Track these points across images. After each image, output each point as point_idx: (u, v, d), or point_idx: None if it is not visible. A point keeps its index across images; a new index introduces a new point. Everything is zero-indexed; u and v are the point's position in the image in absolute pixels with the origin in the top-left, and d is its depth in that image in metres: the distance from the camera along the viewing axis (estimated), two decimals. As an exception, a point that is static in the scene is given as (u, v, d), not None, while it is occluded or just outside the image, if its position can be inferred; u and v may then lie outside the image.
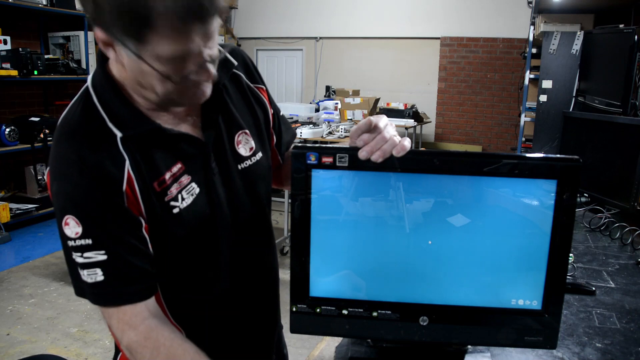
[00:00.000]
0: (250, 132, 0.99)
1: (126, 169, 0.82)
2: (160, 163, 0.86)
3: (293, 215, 0.88)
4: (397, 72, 7.73)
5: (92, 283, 0.82)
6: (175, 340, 0.83)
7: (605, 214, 1.98)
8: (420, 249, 0.87)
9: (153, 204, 0.85)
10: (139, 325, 0.83)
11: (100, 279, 0.81)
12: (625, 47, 2.85)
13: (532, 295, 0.88)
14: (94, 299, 0.83)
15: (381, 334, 0.91)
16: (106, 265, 0.81)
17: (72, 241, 0.81)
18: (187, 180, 0.88)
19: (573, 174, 0.83)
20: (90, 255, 0.81)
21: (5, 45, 4.45)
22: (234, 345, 1.04)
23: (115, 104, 0.83)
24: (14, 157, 4.98)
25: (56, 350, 2.81)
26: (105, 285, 0.82)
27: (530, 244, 0.86)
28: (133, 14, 0.69)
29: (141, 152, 0.84)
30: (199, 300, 0.97)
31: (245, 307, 1.04)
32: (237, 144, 0.96)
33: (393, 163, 0.84)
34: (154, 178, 0.85)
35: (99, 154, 0.80)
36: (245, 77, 1.02)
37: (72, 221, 0.80)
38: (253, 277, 1.04)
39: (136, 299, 0.84)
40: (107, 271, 0.81)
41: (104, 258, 0.81)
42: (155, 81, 0.78)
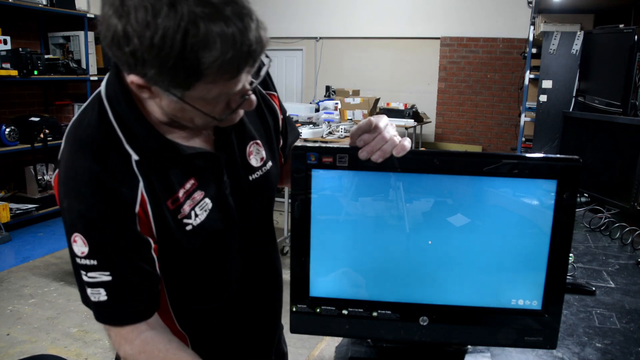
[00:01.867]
0: (261, 141, 0.98)
1: (139, 191, 0.81)
2: (174, 180, 0.84)
3: (293, 215, 0.88)
4: (397, 72, 7.73)
5: (95, 302, 0.82)
6: (170, 351, 0.83)
7: (605, 214, 1.98)
8: (420, 249, 0.87)
9: (166, 223, 0.84)
10: (135, 340, 0.84)
11: (104, 299, 0.82)
12: (625, 47, 2.85)
13: (532, 295, 0.88)
14: (97, 317, 0.84)
15: (381, 334, 0.91)
16: (110, 286, 0.81)
17: (79, 259, 0.81)
18: (200, 196, 0.87)
19: (573, 174, 0.83)
20: (94, 275, 0.81)
21: (5, 45, 4.45)
22: (238, 346, 1.04)
23: (130, 120, 0.81)
24: (14, 157, 4.98)
25: (56, 350, 2.81)
26: (107, 305, 0.82)
27: (530, 244, 0.86)
28: (183, 70, 0.67)
29: (155, 170, 0.83)
30: (207, 309, 0.97)
31: (251, 309, 1.04)
32: (248, 154, 0.95)
33: (393, 163, 0.84)
34: (168, 196, 0.84)
35: (114, 175, 0.79)
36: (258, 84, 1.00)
37: (80, 240, 0.79)
38: (258, 279, 1.04)
39: (139, 319, 0.84)
40: (110, 292, 0.81)
41: (109, 279, 0.81)
42: (197, 117, 0.77)
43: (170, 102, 0.74)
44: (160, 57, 0.65)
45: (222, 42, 0.65)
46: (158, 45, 0.64)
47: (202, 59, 0.66)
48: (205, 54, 0.66)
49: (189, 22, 0.64)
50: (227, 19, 0.66)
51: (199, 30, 0.64)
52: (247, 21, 0.68)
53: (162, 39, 0.64)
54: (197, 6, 0.64)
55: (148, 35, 0.64)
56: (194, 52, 0.65)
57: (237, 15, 0.66)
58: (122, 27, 0.65)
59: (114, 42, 0.67)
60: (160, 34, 0.64)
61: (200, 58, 0.66)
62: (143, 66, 0.68)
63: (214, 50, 0.66)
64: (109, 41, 0.68)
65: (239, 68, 0.70)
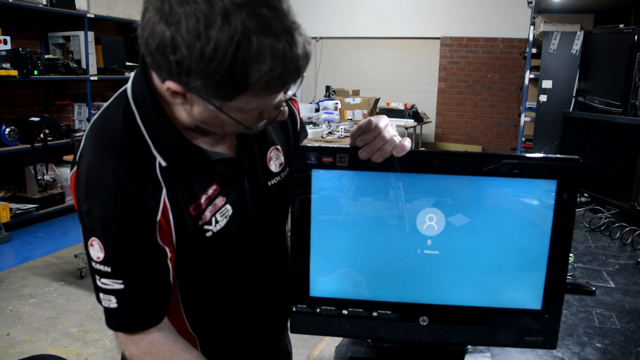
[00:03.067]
0: (281, 147, 0.98)
1: (162, 199, 0.80)
2: (197, 186, 0.84)
3: (293, 215, 0.88)
4: (397, 72, 7.73)
5: (106, 308, 0.82)
6: (175, 352, 0.83)
7: (605, 214, 1.98)
8: (420, 249, 0.87)
9: (187, 231, 0.83)
10: (141, 341, 0.83)
11: (114, 307, 0.81)
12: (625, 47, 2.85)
13: (532, 295, 0.88)
14: (107, 322, 0.84)
15: (381, 334, 0.91)
16: (121, 294, 0.80)
17: (95, 263, 0.80)
18: (222, 202, 0.87)
19: (573, 174, 0.83)
20: (107, 282, 0.80)
21: (5, 45, 4.45)
22: (247, 347, 1.05)
23: (157, 123, 0.79)
24: (14, 157, 4.97)
25: (56, 350, 2.81)
26: (117, 312, 0.82)
27: (530, 244, 0.86)
28: (230, 83, 0.66)
29: (179, 177, 0.82)
30: (221, 313, 0.97)
31: (262, 311, 1.04)
32: (268, 160, 0.95)
33: (393, 163, 0.84)
34: (190, 203, 0.83)
35: (138, 182, 0.78)
36: None
37: (97, 245, 0.79)
38: (270, 282, 1.04)
39: (147, 325, 0.84)
40: (121, 300, 0.81)
41: (121, 287, 0.80)
42: (229, 125, 0.76)
43: (205, 110, 0.72)
44: (209, 69, 0.64)
45: (272, 57, 0.64)
46: (208, 57, 0.63)
47: (251, 72, 0.65)
48: (255, 68, 0.64)
49: (242, 35, 0.62)
50: (278, 34, 0.64)
51: (251, 44, 0.63)
52: (297, 36, 0.66)
53: (214, 51, 0.62)
54: (250, 19, 0.62)
55: (199, 46, 0.62)
56: (244, 66, 0.64)
57: (287, 30, 0.65)
58: (171, 35, 0.63)
59: (159, 50, 0.66)
60: (212, 46, 0.62)
61: (250, 72, 0.65)
62: (187, 76, 0.66)
63: (264, 65, 0.64)
64: (154, 48, 0.66)
65: (285, 83, 0.69)
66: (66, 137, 5.10)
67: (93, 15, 5.30)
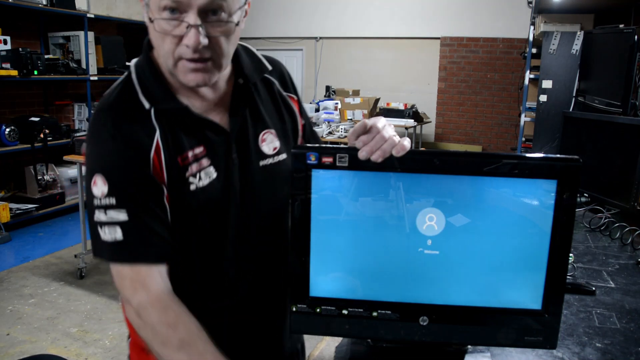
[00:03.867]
0: (276, 133, 1.02)
1: (156, 138, 0.88)
2: (185, 142, 0.91)
3: (293, 215, 0.88)
4: (397, 72, 7.73)
5: (111, 242, 0.85)
6: (184, 310, 0.87)
7: (605, 214, 1.98)
8: (420, 249, 0.87)
9: (175, 176, 0.90)
10: (152, 287, 0.86)
11: (120, 238, 0.85)
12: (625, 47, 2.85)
13: (532, 295, 0.88)
14: (110, 256, 0.87)
15: (381, 334, 0.91)
16: (126, 225, 0.85)
17: (98, 200, 0.85)
18: (207, 163, 0.92)
19: (573, 174, 0.83)
20: (112, 214, 0.85)
21: (5, 45, 4.45)
22: (244, 345, 1.05)
23: (150, 81, 0.91)
24: (14, 157, 4.98)
25: (56, 350, 2.81)
26: (123, 243, 0.85)
27: (530, 244, 0.86)
28: None
29: (170, 128, 0.90)
30: (217, 308, 1.00)
31: (260, 310, 1.05)
32: (261, 141, 1.00)
33: (393, 163, 0.84)
34: (179, 153, 0.90)
35: (133, 124, 0.88)
36: (278, 84, 1.07)
37: (100, 180, 0.85)
38: (267, 280, 1.05)
39: (151, 259, 0.87)
40: (126, 231, 0.85)
41: (125, 218, 0.85)
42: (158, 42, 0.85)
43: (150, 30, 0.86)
44: None
45: None
46: None
47: None
48: None
49: None
50: None
51: None
52: None
53: None
54: None
55: None
56: None
57: None
58: None
59: None
60: None
61: None
62: None
63: None
64: None
65: None
66: (66, 137, 5.11)
67: (93, 15, 5.31)
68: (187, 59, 0.84)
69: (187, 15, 0.81)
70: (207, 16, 0.82)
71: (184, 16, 0.81)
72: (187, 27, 0.81)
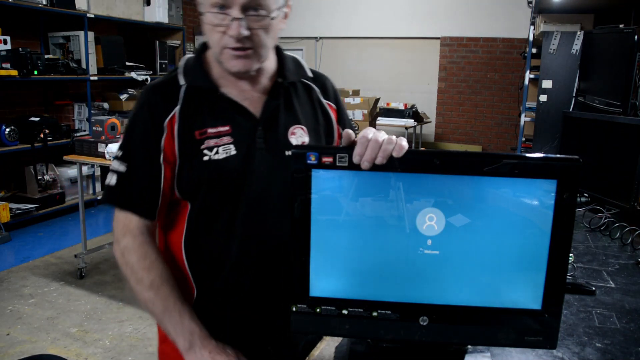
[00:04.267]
0: (307, 130, 1.11)
1: (175, 111, 1.02)
2: (208, 120, 1.03)
3: (293, 215, 0.88)
4: (397, 72, 7.73)
5: (108, 186, 1.04)
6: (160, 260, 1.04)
7: (605, 213, 1.98)
8: (420, 249, 0.87)
9: (188, 146, 1.02)
10: (138, 236, 1.03)
11: (113, 183, 1.03)
12: (625, 47, 2.85)
13: (532, 295, 0.88)
14: (105, 197, 1.05)
15: (381, 334, 0.91)
16: (122, 175, 1.03)
17: (117, 151, 1.05)
18: (229, 140, 1.03)
19: (573, 174, 0.83)
20: (115, 164, 1.04)
21: (5, 45, 4.45)
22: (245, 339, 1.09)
23: (193, 67, 1.07)
24: (14, 157, 4.97)
25: (56, 350, 2.82)
26: (115, 189, 1.03)
27: (530, 244, 0.86)
28: None
29: (196, 105, 1.03)
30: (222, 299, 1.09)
31: (261, 310, 1.09)
32: (290, 134, 1.09)
33: (393, 163, 0.84)
34: (197, 127, 1.02)
35: (160, 96, 1.04)
36: (319, 91, 1.17)
37: (122, 137, 1.06)
38: (270, 280, 1.08)
39: (139, 211, 1.03)
40: (120, 180, 1.03)
41: (123, 170, 1.02)
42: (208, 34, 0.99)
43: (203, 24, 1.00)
44: None
45: None
46: None
47: None
48: None
49: None
50: None
51: None
52: None
53: None
54: None
55: None
56: None
57: None
58: None
59: None
60: None
61: None
62: None
63: None
64: None
65: None
66: (66, 137, 5.10)
67: (93, 15, 5.31)
68: (230, 47, 0.98)
69: (232, 10, 0.95)
70: (248, 12, 0.96)
71: (229, 11, 0.95)
72: (231, 20, 0.95)
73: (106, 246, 4.11)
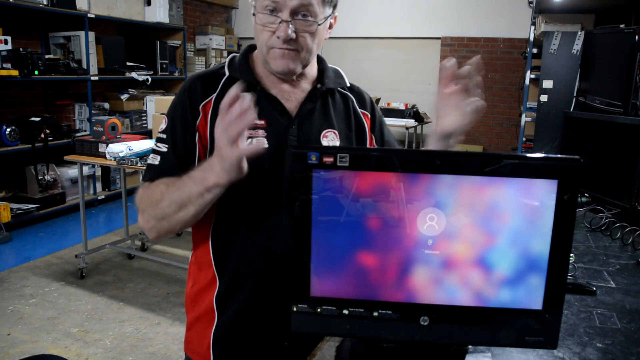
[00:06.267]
0: (339, 135, 1.17)
1: (211, 97, 1.09)
2: None
3: (293, 215, 0.88)
4: (398, 72, 7.72)
5: (151, 165, 1.09)
6: None
7: (606, 214, 1.98)
8: (421, 249, 0.87)
9: None
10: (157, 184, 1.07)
11: (156, 163, 1.09)
12: (626, 47, 2.85)
13: (532, 295, 0.88)
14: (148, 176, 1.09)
15: (382, 334, 0.91)
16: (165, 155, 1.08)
17: (159, 134, 1.11)
18: (262, 133, 1.09)
19: (574, 174, 0.83)
20: (159, 145, 1.09)
21: (6, 45, 4.46)
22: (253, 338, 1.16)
23: (239, 62, 1.14)
24: (15, 157, 4.98)
25: (57, 350, 2.82)
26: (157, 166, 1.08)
27: (531, 244, 0.86)
28: None
29: None
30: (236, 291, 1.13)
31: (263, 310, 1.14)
32: (322, 136, 1.15)
33: (393, 163, 0.84)
34: None
35: (201, 83, 1.10)
36: (355, 101, 1.24)
37: (164, 120, 1.11)
38: (272, 284, 1.11)
39: None
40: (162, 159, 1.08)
41: (165, 150, 1.08)
42: (257, 33, 1.06)
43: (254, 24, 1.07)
44: None
45: None
46: None
47: None
48: None
49: None
50: None
51: None
52: None
53: None
54: None
55: None
56: None
57: None
58: None
59: None
60: None
61: None
62: None
63: None
64: None
65: None
66: (67, 137, 5.11)
67: (94, 15, 5.31)
68: (277, 47, 1.04)
69: (282, 13, 1.02)
70: (297, 16, 1.03)
71: (279, 14, 1.02)
72: (280, 22, 1.02)
73: (107, 246, 4.11)
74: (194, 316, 1.19)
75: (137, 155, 3.57)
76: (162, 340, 2.97)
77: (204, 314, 1.16)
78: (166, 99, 4.20)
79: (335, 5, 1.10)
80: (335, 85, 1.21)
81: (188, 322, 1.21)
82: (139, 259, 4.16)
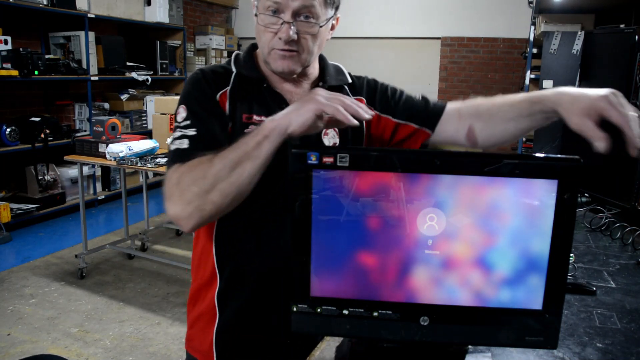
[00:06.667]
0: (339, 132, 1.17)
1: (225, 89, 1.10)
2: (255, 107, 1.10)
3: (293, 215, 0.88)
4: (398, 72, 7.72)
5: (179, 149, 1.03)
6: None
7: (606, 214, 1.98)
8: (421, 249, 0.87)
9: (234, 125, 1.09)
10: None
11: (186, 147, 1.04)
12: (626, 47, 2.85)
13: (532, 295, 0.88)
14: (172, 160, 1.04)
15: (382, 334, 0.91)
16: (192, 138, 1.04)
17: (178, 123, 1.07)
18: None
19: (574, 174, 0.83)
20: (185, 132, 1.05)
21: (6, 46, 4.45)
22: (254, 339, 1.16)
23: (244, 59, 1.15)
24: (15, 157, 4.98)
25: (57, 350, 2.82)
26: (187, 150, 1.03)
27: (530, 244, 0.86)
28: None
29: (244, 93, 1.11)
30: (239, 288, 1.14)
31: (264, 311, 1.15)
32: (323, 134, 1.16)
33: (393, 163, 0.84)
34: (244, 112, 1.10)
35: (214, 75, 1.11)
36: (350, 94, 1.22)
37: (182, 109, 1.08)
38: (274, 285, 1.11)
39: None
40: (191, 143, 1.04)
41: (193, 133, 1.04)
42: (259, 34, 1.08)
43: (256, 25, 1.09)
44: None
45: None
46: None
47: None
48: None
49: None
50: None
51: None
52: None
53: None
54: None
55: None
56: None
57: None
58: None
59: None
60: None
61: None
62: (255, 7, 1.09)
63: None
64: None
65: None
66: (67, 137, 5.11)
67: (94, 15, 5.31)
68: (278, 48, 1.05)
69: (284, 15, 1.03)
70: (299, 18, 1.03)
71: (281, 15, 1.03)
72: (282, 23, 1.03)
73: (107, 246, 4.12)
74: (195, 314, 1.19)
75: (137, 155, 3.57)
76: (162, 340, 2.97)
77: (205, 311, 1.16)
78: (166, 99, 4.19)
79: (337, 7, 1.11)
80: (337, 82, 1.21)
81: (189, 320, 1.22)
82: (139, 259, 4.16)
